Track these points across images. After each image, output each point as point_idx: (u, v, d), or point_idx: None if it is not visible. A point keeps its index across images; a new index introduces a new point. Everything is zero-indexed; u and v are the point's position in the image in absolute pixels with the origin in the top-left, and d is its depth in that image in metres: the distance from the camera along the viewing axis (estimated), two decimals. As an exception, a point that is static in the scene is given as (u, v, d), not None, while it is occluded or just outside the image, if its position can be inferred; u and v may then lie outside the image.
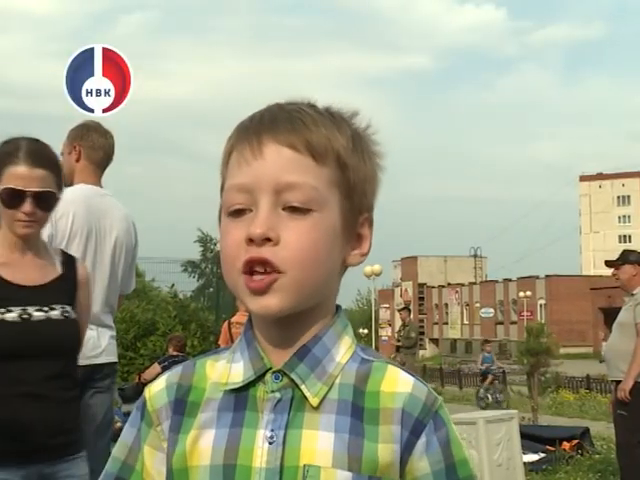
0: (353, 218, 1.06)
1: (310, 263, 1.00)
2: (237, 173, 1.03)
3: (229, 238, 1.02)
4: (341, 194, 1.04)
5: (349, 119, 1.09)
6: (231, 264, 1.01)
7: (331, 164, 1.03)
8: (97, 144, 4.10)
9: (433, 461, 1.02)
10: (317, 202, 1.01)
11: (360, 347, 1.08)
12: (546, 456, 8.25)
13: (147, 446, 1.07)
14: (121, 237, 4.06)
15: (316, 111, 1.06)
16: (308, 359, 1.03)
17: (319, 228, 1.01)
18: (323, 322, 1.06)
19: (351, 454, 0.99)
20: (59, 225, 3.87)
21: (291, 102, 1.08)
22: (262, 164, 1.01)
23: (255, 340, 1.05)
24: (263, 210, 1.00)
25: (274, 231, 0.99)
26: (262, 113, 1.06)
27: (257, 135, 1.02)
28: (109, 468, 1.10)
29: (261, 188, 1.00)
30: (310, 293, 1.02)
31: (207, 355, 1.12)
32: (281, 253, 0.98)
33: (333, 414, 1.00)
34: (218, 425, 1.02)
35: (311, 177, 1.01)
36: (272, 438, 0.99)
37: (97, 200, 4.02)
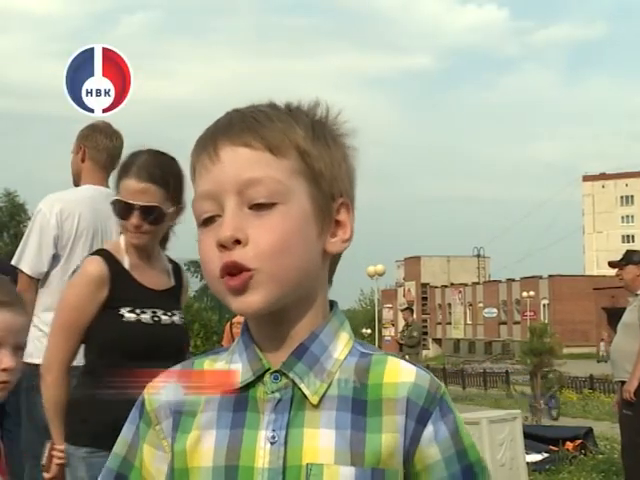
0: (326, 204, 1.04)
1: (280, 254, 0.99)
2: (200, 182, 1.04)
3: (203, 247, 1.02)
4: (307, 182, 1.03)
5: (309, 110, 1.08)
6: (209, 272, 1.02)
7: (291, 155, 1.02)
8: (101, 146, 4.12)
9: (443, 448, 1.02)
10: (281, 194, 1.00)
11: (358, 342, 1.08)
12: (549, 456, 8.25)
13: (146, 445, 1.07)
14: None
15: (272, 108, 1.06)
16: (306, 357, 1.03)
17: (286, 219, 1.00)
18: (318, 319, 1.05)
19: (353, 449, 0.99)
20: (65, 226, 3.90)
21: (250, 104, 1.08)
22: (220, 167, 1.01)
23: (252, 341, 1.06)
24: (229, 212, 1.00)
25: (242, 232, 0.99)
26: (217, 120, 1.06)
27: (213, 141, 1.03)
28: (110, 464, 1.10)
29: (224, 190, 1.00)
30: (288, 285, 1.01)
31: (206, 355, 1.12)
32: (250, 252, 0.99)
33: (333, 411, 1.01)
34: (218, 426, 1.01)
35: (271, 170, 1.01)
36: (274, 438, 0.99)
37: (102, 201, 3.94)
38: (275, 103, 1.08)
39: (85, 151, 4.13)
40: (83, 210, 3.93)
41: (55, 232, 3.86)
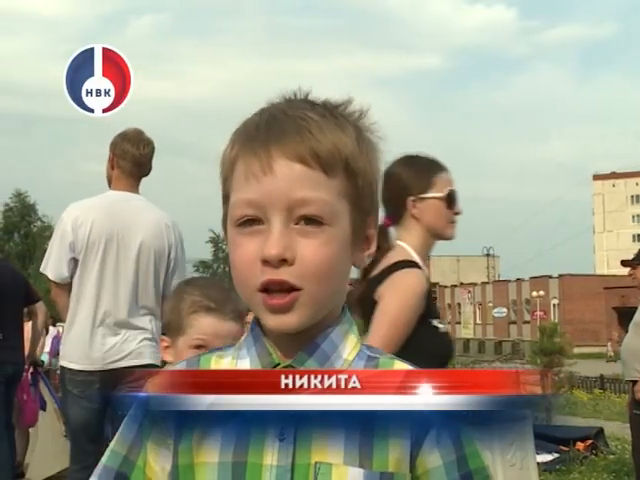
0: (362, 224, 1.06)
1: (326, 278, 1.01)
2: (246, 188, 1.01)
3: (241, 253, 1.02)
4: (350, 204, 1.04)
5: (345, 110, 1.08)
6: (245, 281, 1.02)
7: (340, 174, 1.02)
8: (127, 154, 4.23)
9: (444, 453, 1.02)
10: (329, 216, 1.01)
11: (365, 345, 1.09)
12: (560, 456, 8.23)
13: (150, 443, 1.06)
14: (147, 241, 4.15)
15: (319, 114, 1.04)
16: (317, 354, 1.04)
17: (332, 242, 1.01)
18: (330, 320, 1.06)
19: (362, 451, 0.99)
20: (79, 233, 4.06)
21: (291, 102, 1.07)
22: (272, 180, 0.99)
23: (263, 337, 1.06)
24: (276, 229, 0.99)
25: (290, 251, 0.99)
26: (266, 119, 1.04)
27: (265, 148, 1.00)
28: (108, 463, 1.07)
29: (273, 205, 0.99)
30: (325, 305, 1.03)
31: (212, 351, 1.12)
32: (297, 272, 0.99)
33: None
34: (226, 422, 1.01)
35: (323, 192, 1.00)
36: (283, 435, 0.99)
37: (122, 206, 4.18)
38: (314, 102, 1.07)
39: (113, 158, 4.27)
40: (97, 216, 4.06)
41: (71, 239, 4.06)
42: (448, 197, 2.71)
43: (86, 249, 4.07)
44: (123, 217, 4.13)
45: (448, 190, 2.72)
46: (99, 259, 4.07)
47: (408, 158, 2.76)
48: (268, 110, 1.06)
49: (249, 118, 1.06)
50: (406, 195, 2.70)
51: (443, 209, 2.71)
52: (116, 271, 4.10)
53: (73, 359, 4.12)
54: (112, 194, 4.25)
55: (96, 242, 4.07)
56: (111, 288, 4.10)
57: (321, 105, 1.07)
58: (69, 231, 4.08)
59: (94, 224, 4.07)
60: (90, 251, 4.07)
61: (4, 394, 6.18)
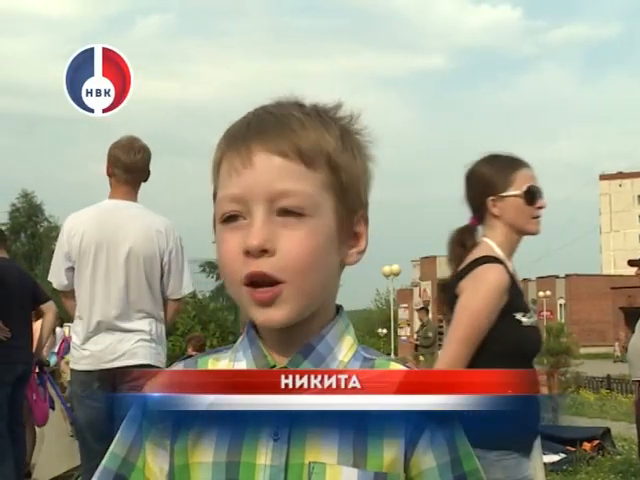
0: (348, 218, 1.06)
1: (309, 270, 1.00)
2: (228, 183, 1.03)
3: (224, 248, 1.03)
4: (334, 196, 1.04)
5: (335, 114, 1.08)
6: (230, 275, 1.03)
7: (322, 168, 1.03)
8: (119, 162, 4.38)
9: (438, 454, 1.02)
10: (311, 208, 1.01)
11: (362, 347, 1.09)
12: (567, 457, 8.22)
13: (149, 443, 1.06)
14: (136, 248, 4.33)
15: (303, 112, 1.05)
16: (312, 357, 1.04)
17: (314, 234, 1.01)
18: (325, 322, 1.07)
19: (356, 450, 0.99)
20: (73, 243, 4.32)
21: (278, 104, 1.08)
22: (253, 173, 1.01)
23: (258, 339, 1.06)
24: (257, 220, 1.00)
25: (270, 242, 0.99)
26: (249, 119, 1.06)
27: (246, 143, 1.02)
28: (108, 464, 1.07)
29: (254, 198, 1.00)
30: (312, 299, 1.03)
31: (208, 354, 1.13)
32: (279, 264, 0.99)
33: None
34: (221, 422, 1.01)
35: (303, 183, 1.01)
36: (277, 435, 0.99)
37: (112, 215, 4.37)
38: (302, 104, 1.07)
39: (109, 166, 4.42)
40: (87, 227, 4.31)
41: (67, 249, 4.35)
42: (527, 193, 2.71)
43: (79, 258, 4.31)
44: (112, 226, 4.34)
45: (527, 186, 2.71)
46: (90, 267, 4.31)
47: (489, 157, 2.77)
48: (253, 111, 1.07)
49: (234, 122, 1.08)
50: (486, 194, 2.73)
51: (523, 206, 2.71)
52: (106, 277, 4.31)
53: (74, 360, 4.37)
54: (105, 203, 4.44)
55: (87, 251, 4.30)
56: (102, 294, 4.30)
57: (309, 107, 1.08)
58: (65, 242, 4.36)
59: (84, 234, 4.30)
60: (82, 260, 4.31)
61: (13, 394, 6.20)
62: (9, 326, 5.95)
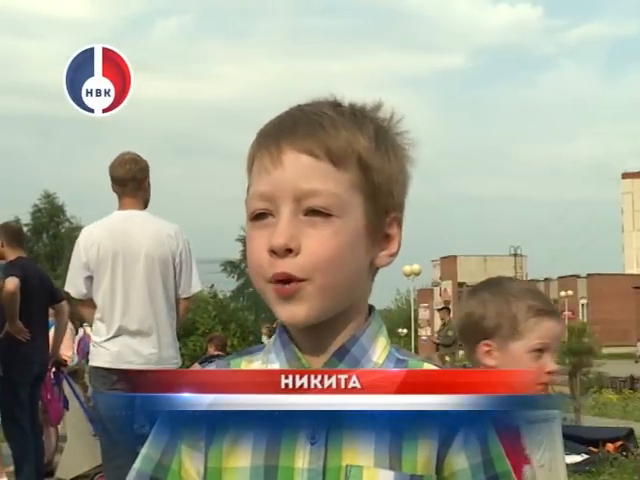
0: (379, 219, 1.05)
1: (332, 269, 1.00)
2: (258, 181, 1.04)
3: (252, 246, 1.04)
4: (364, 196, 1.03)
5: (373, 113, 1.08)
6: (257, 273, 1.03)
7: (352, 168, 1.02)
8: (112, 178, 4.68)
9: (470, 455, 1.01)
10: (338, 208, 1.01)
11: (395, 347, 1.08)
12: (589, 457, 8.16)
13: (184, 445, 1.05)
14: (150, 252, 4.61)
15: (337, 112, 1.05)
16: (347, 359, 1.03)
17: (340, 234, 1.01)
18: (358, 323, 1.06)
19: (392, 453, 0.99)
20: (90, 254, 4.58)
21: (313, 103, 1.07)
22: (281, 172, 1.01)
23: (291, 341, 1.06)
24: (283, 219, 1.00)
25: (295, 240, 0.99)
26: (282, 118, 1.06)
27: (276, 142, 1.03)
28: (142, 468, 1.07)
29: (281, 196, 1.01)
30: (335, 299, 1.02)
31: (240, 355, 1.12)
32: (302, 263, 0.99)
33: None
34: (257, 425, 1.00)
35: (331, 183, 1.01)
36: (314, 438, 0.99)
37: (124, 224, 4.66)
38: (339, 103, 1.07)
39: (111, 185, 4.71)
40: (102, 237, 4.59)
41: (84, 259, 4.58)
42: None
43: (97, 267, 4.57)
44: (125, 234, 4.62)
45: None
46: (109, 274, 4.57)
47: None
48: (288, 110, 1.08)
49: (270, 119, 1.08)
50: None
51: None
52: (124, 283, 4.57)
53: (94, 356, 4.63)
54: (115, 214, 4.72)
55: (104, 260, 4.56)
56: (122, 299, 4.57)
57: (344, 106, 1.07)
58: (82, 253, 4.60)
59: (101, 244, 4.57)
60: (99, 268, 4.57)
61: (31, 393, 6.24)
62: (29, 327, 5.99)
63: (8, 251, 6.17)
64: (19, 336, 5.92)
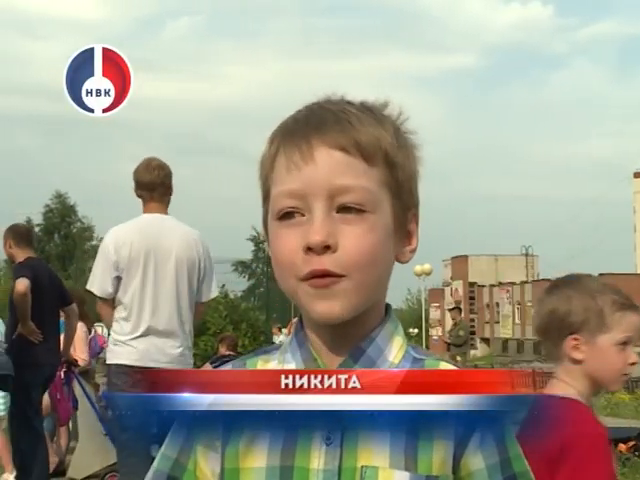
0: (403, 216, 1.06)
1: (368, 266, 1.00)
2: (287, 179, 1.02)
3: (282, 244, 1.01)
4: (391, 193, 1.04)
5: (386, 112, 1.08)
6: (288, 272, 1.01)
7: (380, 164, 1.03)
8: (140, 183, 4.80)
9: (487, 455, 1.01)
10: (371, 204, 1.01)
11: (411, 346, 1.08)
12: (601, 457, 8.12)
13: (200, 446, 1.05)
14: (180, 253, 4.74)
15: (358, 109, 1.05)
16: (362, 360, 1.03)
17: (375, 230, 1.01)
18: (375, 322, 1.06)
19: (407, 453, 0.98)
20: (121, 253, 4.65)
21: (330, 101, 1.07)
22: (313, 169, 1.00)
23: (307, 341, 1.06)
24: (319, 216, 0.99)
25: (332, 237, 0.98)
26: (306, 114, 1.05)
27: (306, 138, 1.01)
28: (160, 466, 1.07)
29: (314, 193, 0.99)
30: (369, 295, 1.02)
31: (257, 354, 1.12)
32: (340, 260, 0.99)
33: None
34: (272, 426, 1.00)
35: (364, 179, 1.01)
36: (329, 440, 0.99)
37: (153, 226, 4.77)
38: (351, 101, 1.07)
39: (135, 190, 4.82)
40: (134, 238, 4.66)
41: (114, 258, 4.63)
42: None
43: (128, 267, 4.63)
44: (156, 236, 4.73)
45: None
46: (140, 275, 4.65)
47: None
48: (308, 107, 1.08)
49: (287, 117, 1.07)
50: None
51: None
52: (155, 284, 4.68)
53: (115, 354, 4.69)
54: (145, 217, 4.80)
55: (135, 260, 4.63)
56: (152, 300, 4.68)
57: (358, 103, 1.08)
58: (112, 252, 4.64)
59: (132, 244, 4.64)
60: (130, 268, 4.63)
61: (42, 395, 6.27)
62: (42, 328, 5.99)
63: (17, 252, 6.18)
64: (31, 337, 5.92)
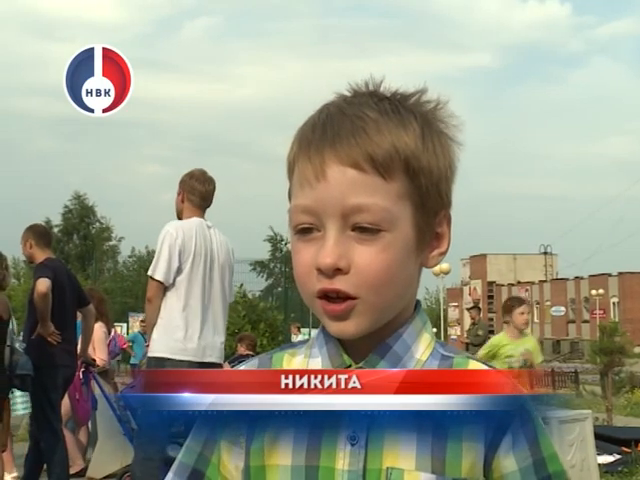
0: (428, 223, 1.02)
1: (383, 287, 0.98)
2: (300, 194, 1.00)
3: (299, 260, 1.00)
4: (412, 205, 0.99)
5: (417, 101, 1.03)
6: (303, 287, 1.01)
7: (399, 175, 0.98)
8: (196, 190, 5.15)
9: (520, 457, 0.99)
10: (387, 222, 0.97)
11: (440, 344, 1.06)
12: (621, 457, 8.08)
13: (223, 441, 1.05)
14: (222, 259, 5.18)
15: (380, 111, 1.00)
16: (389, 356, 1.01)
17: (390, 249, 0.97)
18: (403, 319, 1.04)
19: (435, 456, 0.96)
20: (187, 245, 4.99)
21: (353, 99, 1.02)
22: (326, 187, 0.97)
23: (334, 336, 1.04)
24: (331, 237, 0.97)
25: (344, 259, 0.96)
26: (323, 122, 1.01)
27: (319, 154, 0.98)
28: (185, 459, 1.07)
29: (327, 212, 0.97)
30: (386, 312, 1.00)
31: (283, 349, 1.11)
32: (352, 280, 0.97)
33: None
34: (297, 423, 0.99)
35: (379, 197, 0.97)
36: (354, 440, 0.97)
37: (204, 229, 5.14)
38: (380, 95, 1.02)
39: (183, 194, 5.16)
40: (197, 235, 5.05)
41: (180, 249, 4.95)
42: None
43: (193, 258, 4.98)
44: (209, 239, 5.13)
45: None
46: (200, 272, 5.03)
47: None
48: (327, 108, 1.02)
49: (310, 117, 1.04)
50: None
51: None
52: (211, 282, 5.09)
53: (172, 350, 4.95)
54: (193, 220, 5.13)
55: (198, 254, 5.01)
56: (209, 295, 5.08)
57: (387, 98, 1.02)
58: (180, 243, 4.97)
59: (197, 241, 5.02)
60: (195, 260, 4.99)
61: (62, 396, 6.29)
62: (61, 329, 6.01)
63: (38, 252, 6.20)
64: (49, 338, 5.93)
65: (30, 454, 6.13)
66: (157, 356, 4.92)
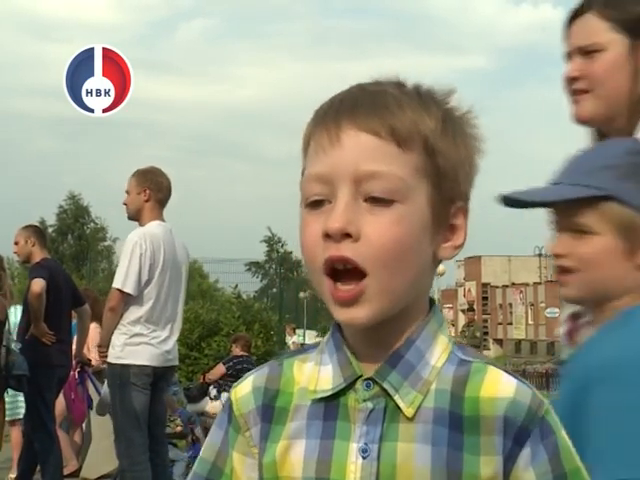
0: (444, 208, 0.97)
1: (397, 262, 0.92)
2: (315, 162, 0.96)
3: (307, 232, 0.95)
4: (429, 182, 0.95)
5: (442, 99, 1.00)
6: (311, 262, 0.95)
7: (417, 150, 0.94)
8: (163, 186, 5.01)
9: (540, 472, 0.94)
10: (402, 193, 0.92)
11: (457, 346, 0.99)
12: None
13: (236, 452, 1.03)
14: (184, 263, 5.15)
15: (402, 92, 0.97)
16: (401, 366, 0.96)
17: (404, 221, 0.92)
18: (416, 321, 0.98)
19: (450, 469, 0.92)
20: (156, 256, 4.90)
21: (375, 82, 0.99)
22: (340, 152, 0.93)
23: (344, 343, 0.99)
24: (341, 202, 0.92)
25: (354, 225, 0.91)
26: (342, 96, 0.98)
27: (335, 121, 0.94)
28: (198, 470, 1.06)
29: (339, 178, 0.93)
30: (399, 297, 0.94)
31: (294, 355, 1.06)
32: (362, 249, 0.91)
33: (430, 424, 0.94)
34: (308, 435, 0.97)
35: (395, 165, 0.93)
36: (365, 452, 0.94)
37: (166, 235, 5.04)
38: (403, 84, 0.99)
39: (148, 192, 4.97)
40: (165, 243, 4.94)
41: (151, 261, 4.85)
42: None
43: (161, 269, 4.90)
44: (172, 245, 5.03)
45: None
46: (167, 280, 4.95)
47: None
48: (347, 88, 1.00)
49: (328, 99, 1.00)
50: None
51: None
52: (177, 289, 5.05)
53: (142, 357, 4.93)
54: (160, 225, 5.00)
55: (165, 264, 4.92)
56: (172, 304, 5.03)
57: (409, 86, 0.99)
58: (149, 255, 4.86)
59: (166, 250, 4.92)
60: (163, 271, 4.91)
61: (57, 396, 6.28)
62: (55, 329, 6.00)
63: (37, 251, 6.19)
64: (43, 339, 5.93)
65: (24, 454, 6.11)
66: (123, 363, 4.92)
